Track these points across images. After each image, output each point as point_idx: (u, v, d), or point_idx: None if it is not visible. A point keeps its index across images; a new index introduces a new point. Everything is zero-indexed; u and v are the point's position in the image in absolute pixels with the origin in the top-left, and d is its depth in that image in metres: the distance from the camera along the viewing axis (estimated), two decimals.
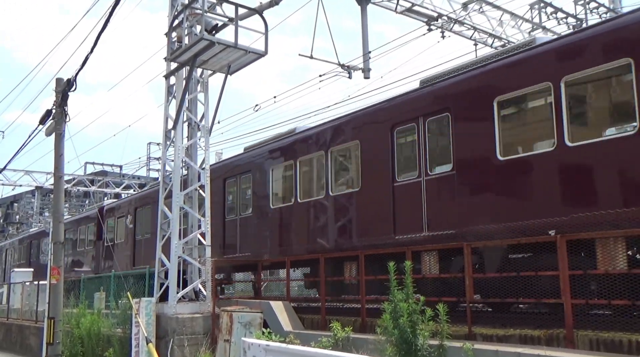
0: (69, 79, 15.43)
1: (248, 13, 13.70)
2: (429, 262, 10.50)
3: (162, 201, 13.78)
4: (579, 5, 21.72)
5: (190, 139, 14.10)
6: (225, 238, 16.99)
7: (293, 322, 12.08)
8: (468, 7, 19.38)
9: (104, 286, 17.35)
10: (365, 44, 18.21)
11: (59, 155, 15.73)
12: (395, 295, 8.27)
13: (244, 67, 13.60)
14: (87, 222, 27.80)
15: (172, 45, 13.72)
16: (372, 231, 11.94)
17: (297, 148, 14.65)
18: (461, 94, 10.47)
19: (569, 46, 9.22)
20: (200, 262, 13.43)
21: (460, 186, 10.23)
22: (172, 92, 14.12)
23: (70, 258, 28.06)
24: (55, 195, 16.35)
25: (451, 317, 8.19)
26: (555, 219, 8.66)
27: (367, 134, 12.37)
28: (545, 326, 8.52)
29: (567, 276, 7.95)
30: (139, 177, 45.81)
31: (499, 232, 9.26)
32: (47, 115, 16.15)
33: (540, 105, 9.41)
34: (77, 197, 52.70)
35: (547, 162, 9.01)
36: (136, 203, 23.01)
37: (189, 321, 12.49)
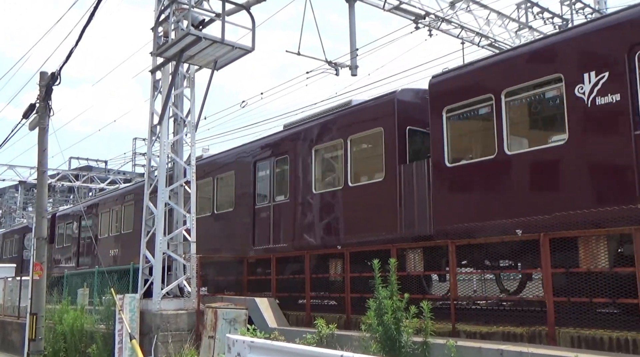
0: (53, 72, 15.30)
1: (235, 9, 13.65)
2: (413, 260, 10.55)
3: (147, 197, 13.70)
4: (565, 6, 21.90)
5: (176, 134, 14.02)
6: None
7: (278, 318, 12.08)
8: (455, 6, 19.41)
9: (88, 282, 17.22)
10: (353, 41, 18.18)
11: (43, 149, 15.60)
12: (380, 292, 8.30)
13: (230, 62, 13.53)
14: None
15: (158, 40, 13.62)
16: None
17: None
18: (298, 141, 14.36)
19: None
20: (185, 259, 13.37)
21: (295, 210, 14.10)
22: (158, 87, 14.03)
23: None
24: (38, 190, 16.21)
25: (435, 314, 8.25)
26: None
27: (240, 166, 16.39)
28: (527, 324, 8.60)
29: (549, 274, 8.03)
30: (124, 172, 45.51)
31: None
32: (30, 109, 16.00)
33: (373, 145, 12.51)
34: (62, 192, 52.24)
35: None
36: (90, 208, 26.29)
37: (174, 318, 12.44)
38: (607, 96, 8.33)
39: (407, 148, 11.59)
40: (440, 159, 10.47)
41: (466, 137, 10.80)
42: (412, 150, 11.66)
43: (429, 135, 10.88)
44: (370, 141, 12.62)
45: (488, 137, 9.84)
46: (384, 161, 11.76)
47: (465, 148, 10.77)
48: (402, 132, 11.62)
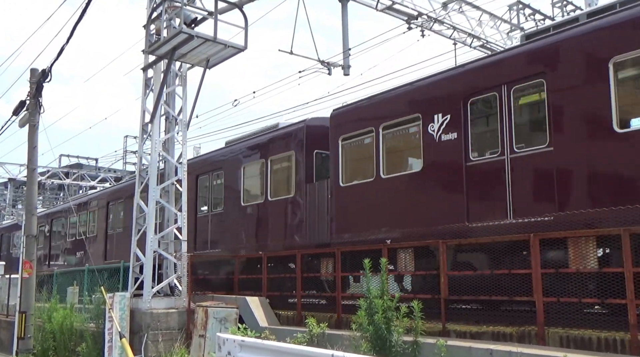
0: (44, 69, 15.22)
1: (228, 7, 13.62)
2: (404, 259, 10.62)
3: (138, 195, 13.65)
4: (556, 8, 22.04)
5: (167, 133, 13.98)
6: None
7: (269, 317, 12.08)
8: (448, 7, 19.48)
9: (78, 280, 17.15)
10: (346, 40, 18.19)
11: (33, 147, 15.52)
12: (371, 292, 8.33)
13: (223, 61, 13.51)
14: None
15: (150, 38, 13.57)
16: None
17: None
18: (231, 159, 16.39)
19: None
20: (176, 257, 13.34)
21: (228, 219, 16.11)
22: (149, 85, 13.99)
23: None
24: (28, 187, 16.12)
25: (426, 314, 8.29)
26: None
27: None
28: (517, 323, 8.66)
29: (539, 274, 8.08)
30: (115, 170, 45.26)
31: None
32: (21, 106, 15.91)
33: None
34: (52, 189, 51.91)
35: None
36: (52, 215, 28.42)
37: (164, 316, 12.41)
38: (449, 134, 10.45)
39: (314, 169, 13.79)
40: (337, 180, 12.66)
41: (356, 162, 12.78)
42: (318, 170, 13.81)
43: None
44: (285, 162, 14.61)
45: (370, 163, 11.94)
46: (294, 180, 14.08)
47: (355, 171, 12.73)
48: (309, 155, 13.85)
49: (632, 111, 8.51)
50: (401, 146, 11.88)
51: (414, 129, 11.21)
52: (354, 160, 12.73)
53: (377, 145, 11.71)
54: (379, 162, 11.66)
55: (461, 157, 10.14)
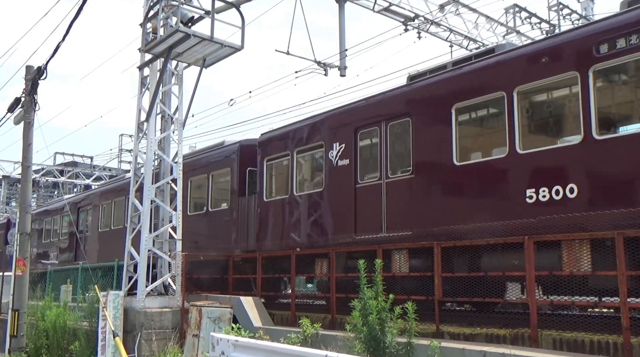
0: (39, 66, 15.16)
1: (225, 6, 13.62)
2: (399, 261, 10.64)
3: (133, 193, 13.62)
4: (552, 11, 22.13)
5: (163, 131, 13.96)
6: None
7: (263, 318, 12.08)
8: (444, 9, 19.56)
9: (71, 279, 17.09)
10: (342, 41, 18.24)
11: (28, 144, 15.45)
12: (365, 293, 8.33)
13: (219, 60, 13.48)
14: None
15: (146, 36, 13.53)
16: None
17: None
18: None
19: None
20: (170, 257, 13.32)
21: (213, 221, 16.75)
22: (145, 83, 13.95)
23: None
24: (22, 185, 16.06)
25: (420, 315, 8.30)
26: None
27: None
28: (511, 325, 8.68)
29: (533, 276, 8.11)
30: (110, 168, 45.15)
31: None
32: (16, 103, 15.85)
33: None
34: (46, 187, 51.71)
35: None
36: (40, 215, 28.96)
37: (158, 315, 12.39)
38: (344, 160, 12.41)
39: (246, 184, 15.43)
40: (262, 195, 14.59)
41: (276, 181, 14.68)
42: (250, 186, 15.38)
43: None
44: (223, 177, 16.51)
45: (286, 181, 14.00)
46: (230, 194, 15.96)
47: (275, 188, 14.65)
48: (242, 172, 15.54)
49: (469, 148, 10.54)
50: (310, 168, 14.06)
51: (319, 155, 13.27)
52: (275, 179, 14.78)
53: (291, 167, 13.87)
54: (293, 181, 13.80)
55: (352, 180, 12.14)
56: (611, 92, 9.12)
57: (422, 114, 10.93)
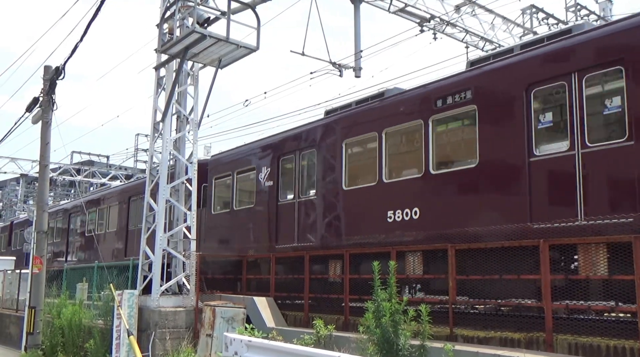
0: (57, 66, 15.33)
1: (241, 7, 13.67)
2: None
3: (149, 193, 13.71)
4: (570, 12, 21.91)
5: (178, 132, 14.04)
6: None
7: (276, 318, 12.09)
8: (460, 10, 19.45)
9: (87, 277, 17.24)
10: (357, 42, 18.22)
11: (45, 143, 15.63)
12: (379, 294, 8.30)
13: (235, 61, 13.53)
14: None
15: (163, 37, 13.62)
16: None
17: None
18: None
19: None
20: (184, 256, 13.39)
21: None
22: (161, 84, 14.05)
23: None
24: (40, 184, 16.24)
25: (433, 317, 8.25)
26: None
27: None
28: (525, 329, 8.61)
29: (548, 280, 8.04)
30: (126, 168, 45.50)
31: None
32: (34, 103, 16.04)
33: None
34: (63, 186, 52.25)
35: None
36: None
37: (172, 315, 12.46)
38: (269, 181, 14.93)
39: (201, 198, 16.57)
40: (210, 209, 17.20)
41: (222, 197, 17.15)
42: (204, 200, 17.41)
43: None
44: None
45: (229, 198, 16.67)
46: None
47: (220, 203, 17.18)
48: (198, 188, 16.48)
49: (354, 177, 12.92)
50: (246, 188, 16.34)
51: (252, 176, 15.74)
52: (220, 195, 17.32)
53: (232, 185, 16.48)
54: (233, 198, 16.43)
55: (275, 198, 14.64)
56: (445, 136, 11.45)
57: (322, 145, 13.54)
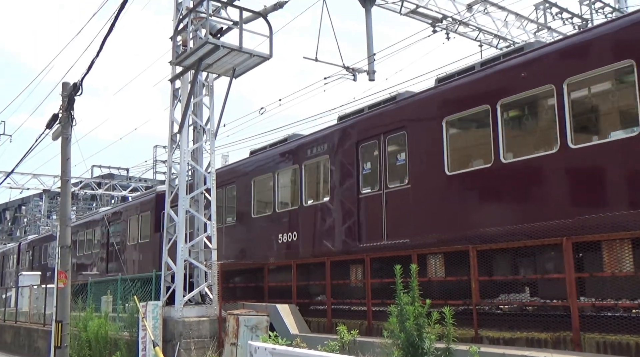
0: (75, 83, 15.49)
1: (252, 16, 13.72)
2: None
3: (169, 205, 13.81)
4: (584, 6, 21.64)
5: (195, 142, 14.13)
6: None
7: (299, 325, 12.09)
8: (472, 9, 19.34)
9: (111, 289, 17.40)
10: (370, 46, 18.19)
11: (66, 159, 15.78)
12: (402, 298, 8.25)
13: (249, 70, 13.61)
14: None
15: (177, 49, 13.74)
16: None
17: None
18: (126, 212, 25.15)
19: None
20: (206, 266, 13.45)
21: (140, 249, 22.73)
22: (177, 95, 14.16)
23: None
24: (62, 199, 16.40)
25: (458, 319, 8.18)
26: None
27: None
28: (552, 329, 8.49)
29: (573, 278, 7.93)
30: (146, 179, 45.93)
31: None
32: (53, 119, 16.22)
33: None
34: (85, 200, 52.88)
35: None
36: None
37: (196, 325, 12.52)
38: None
39: (159, 224, 19.41)
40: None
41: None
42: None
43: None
44: (145, 217, 22.45)
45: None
46: (150, 230, 21.65)
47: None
48: (158, 214, 20.16)
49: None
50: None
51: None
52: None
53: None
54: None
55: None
56: (311, 179, 14.68)
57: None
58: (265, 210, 16.24)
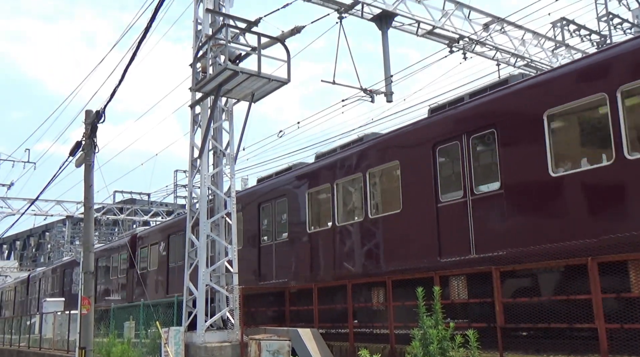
0: (97, 111, 15.77)
1: (270, 42, 13.90)
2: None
3: (190, 229, 13.89)
4: (602, 22, 21.55)
5: (215, 166, 14.23)
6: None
7: (322, 350, 11.97)
8: (489, 28, 19.35)
9: (134, 315, 17.46)
10: (387, 67, 18.25)
11: (89, 185, 15.99)
12: (425, 321, 8.15)
13: (267, 94, 13.74)
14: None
15: (196, 76, 13.94)
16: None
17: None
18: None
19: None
20: (227, 290, 13.44)
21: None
22: (197, 121, 14.31)
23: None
24: (85, 225, 16.58)
25: (483, 342, 8.04)
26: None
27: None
28: (579, 351, 8.30)
29: (599, 299, 7.76)
30: (167, 204, 46.33)
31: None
32: (77, 146, 16.49)
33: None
34: (107, 225, 53.44)
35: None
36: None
37: (218, 350, 12.47)
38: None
39: (135, 261, 24.98)
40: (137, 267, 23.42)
41: (144, 258, 24.43)
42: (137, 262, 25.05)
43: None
44: (124, 257, 27.10)
45: (157, 257, 23.88)
46: (127, 266, 26.25)
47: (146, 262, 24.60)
48: (134, 253, 25.34)
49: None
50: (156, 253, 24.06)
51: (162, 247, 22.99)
52: (143, 257, 24.65)
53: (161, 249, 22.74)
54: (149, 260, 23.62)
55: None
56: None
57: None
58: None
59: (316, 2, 16.91)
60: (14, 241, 73.09)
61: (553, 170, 9.39)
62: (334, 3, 17.07)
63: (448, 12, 18.66)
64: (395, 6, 17.76)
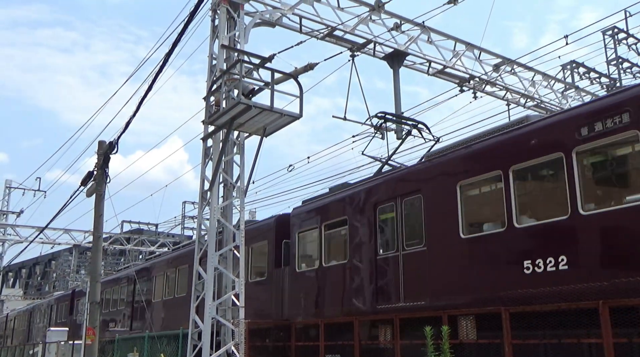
0: (110, 141, 16.01)
1: (283, 77, 14.10)
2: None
3: (197, 261, 13.87)
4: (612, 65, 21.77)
5: (225, 199, 14.29)
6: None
7: None
8: (499, 69, 19.59)
9: (137, 347, 17.33)
10: (398, 105, 18.44)
11: (99, 215, 16.13)
12: None
13: (279, 129, 13.85)
14: None
15: (210, 109, 14.11)
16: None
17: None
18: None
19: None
20: (233, 324, 13.34)
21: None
22: (209, 154, 14.44)
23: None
24: (93, 255, 16.64)
25: None
26: None
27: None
28: None
29: (611, 343, 7.67)
30: (174, 235, 46.32)
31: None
32: (88, 177, 16.68)
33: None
34: (113, 255, 53.40)
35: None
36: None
37: None
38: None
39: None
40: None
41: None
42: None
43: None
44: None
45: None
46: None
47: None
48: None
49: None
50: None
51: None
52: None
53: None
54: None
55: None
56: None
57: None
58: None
59: (329, 41, 17.21)
60: (20, 269, 73.08)
61: (463, 233, 11.00)
62: (346, 42, 17.37)
63: (459, 52, 18.93)
64: (407, 46, 18.05)
